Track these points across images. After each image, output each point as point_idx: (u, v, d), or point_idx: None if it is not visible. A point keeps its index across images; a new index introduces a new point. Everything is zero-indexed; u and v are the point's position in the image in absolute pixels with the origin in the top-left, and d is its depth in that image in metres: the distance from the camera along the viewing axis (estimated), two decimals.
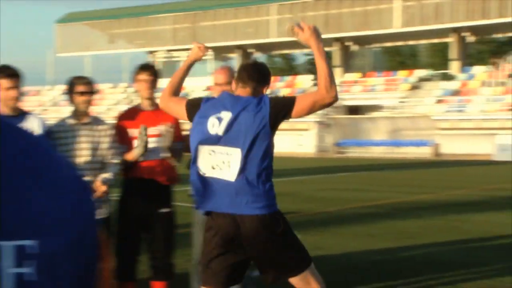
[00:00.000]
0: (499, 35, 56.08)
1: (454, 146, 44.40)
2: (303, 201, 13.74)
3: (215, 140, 3.51)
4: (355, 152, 46.94)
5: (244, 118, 3.48)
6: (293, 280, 3.65)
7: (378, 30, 52.68)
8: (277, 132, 3.61)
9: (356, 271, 6.49)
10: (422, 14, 51.13)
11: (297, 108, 3.56)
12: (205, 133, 3.54)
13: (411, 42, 59.92)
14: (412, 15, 51.70)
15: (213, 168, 3.50)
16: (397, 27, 51.78)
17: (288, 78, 59.49)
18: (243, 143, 3.45)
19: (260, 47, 58.77)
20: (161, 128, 4.57)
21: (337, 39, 53.81)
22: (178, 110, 3.80)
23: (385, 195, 15.07)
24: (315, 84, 47.45)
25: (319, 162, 36.66)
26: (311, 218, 10.90)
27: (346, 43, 55.14)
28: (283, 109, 3.56)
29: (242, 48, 59.18)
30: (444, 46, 57.02)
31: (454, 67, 52.54)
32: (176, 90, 3.90)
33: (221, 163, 3.49)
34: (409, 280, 6.03)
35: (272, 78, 4.02)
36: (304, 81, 57.65)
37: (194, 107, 3.69)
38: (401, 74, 53.71)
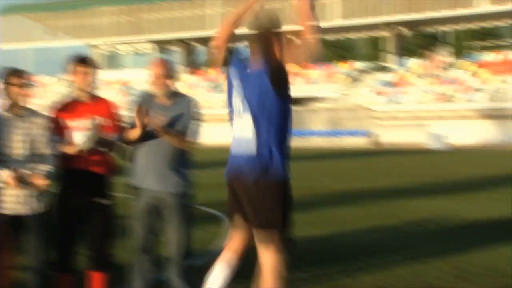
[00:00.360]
0: (433, 29, 57.47)
1: (391, 136, 45.28)
2: None
3: None
4: (295, 142, 47.28)
5: None
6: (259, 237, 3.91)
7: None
8: (214, 124, 3.69)
9: (296, 255, 6.54)
10: (361, 8, 51.87)
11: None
12: None
13: (350, 35, 60.76)
14: (352, 9, 52.41)
15: None
16: (337, 20, 52.37)
17: None
18: None
19: (202, 40, 58.48)
20: (94, 120, 4.51)
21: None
22: None
23: (323, 184, 15.27)
24: None
25: None
26: None
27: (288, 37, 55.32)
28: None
29: (184, 41, 58.80)
30: (381, 39, 57.97)
31: (390, 59, 53.59)
32: (231, 37, 4.15)
33: None
34: (343, 265, 6.14)
35: (215, 72, 4.15)
36: None
37: None
38: (340, 66, 54.37)
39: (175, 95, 4.69)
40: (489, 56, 49.69)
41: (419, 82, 48.18)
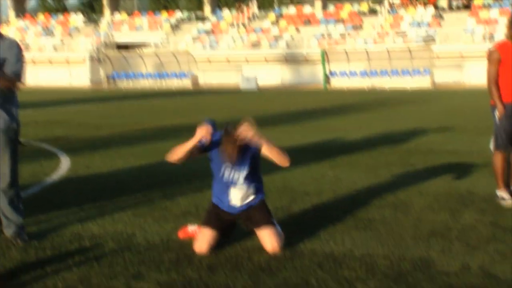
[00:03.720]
0: None
1: (209, 77, 45.72)
2: (76, 127, 13.23)
3: None
4: (126, 84, 46.11)
5: None
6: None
7: None
8: (43, 66, 3.41)
9: (121, 186, 6.45)
10: None
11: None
12: None
13: None
14: None
15: None
16: None
17: (61, 17, 55.78)
18: None
19: None
20: None
21: None
22: None
23: (149, 120, 15.11)
24: (86, 23, 44.57)
25: (93, 93, 35.40)
26: (82, 142, 10.56)
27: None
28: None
29: None
30: None
31: (207, 10, 53.56)
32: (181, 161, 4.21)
33: None
34: (163, 189, 6.15)
35: (43, 17, 3.77)
36: (76, 20, 54.54)
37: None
38: (163, 15, 53.33)
39: None
40: (288, 9, 51.57)
41: (231, 30, 48.83)
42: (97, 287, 3.33)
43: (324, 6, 49.94)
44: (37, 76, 45.79)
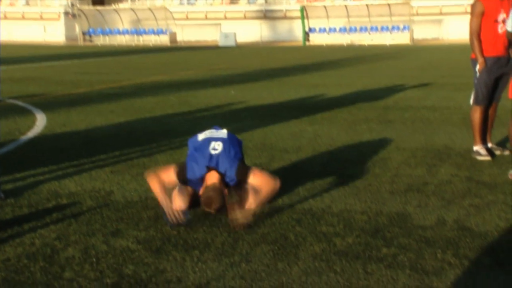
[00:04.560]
0: None
1: (187, 34, 45.06)
2: (52, 84, 12.98)
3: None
4: (102, 40, 45.24)
5: None
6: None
7: None
8: (25, 21, 3.26)
9: (99, 143, 6.37)
10: None
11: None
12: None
13: None
14: None
15: None
16: None
17: None
18: None
19: None
20: None
21: None
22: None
23: (127, 77, 14.89)
24: None
25: (69, 49, 34.70)
26: (59, 99, 10.38)
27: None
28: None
29: None
30: None
31: None
32: None
33: None
34: (141, 147, 6.10)
35: None
36: None
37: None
38: None
39: None
40: None
41: None
42: (75, 244, 3.31)
43: None
44: (10, 32, 44.66)
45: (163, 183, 3.80)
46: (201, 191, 3.76)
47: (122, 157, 5.59)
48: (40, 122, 7.79)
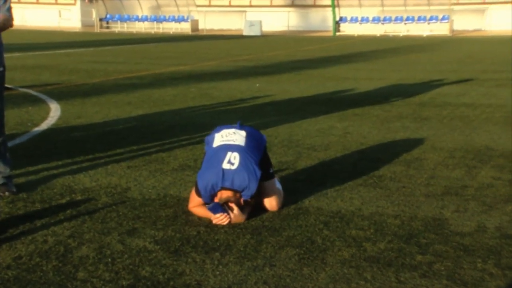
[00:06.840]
0: None
1: (210, 22, 45.15)
2: (67, 73, 13.13)
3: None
4: (120, 27, 45.61)
5: None
6: None
7: None
8: (39, 6, 3.30)
9: (115, 136, 6.42)
10: None
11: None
12: None
13: None
14: None
15: None
16: None
17: None
18: None
19: None
20: None
21: None
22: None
23: (146, 67, 14.98)
24: None
25: (85, 36, 35.06)
26: (74, 89, 10.49)
27: None
28: None
29: None
30: None
31: None
32: None
33: None
34: (160, 140, 6.14)
35: None
36: None
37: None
38: None
39: None
40: None
41: None
42: (89, 243, 3.34)
43: None
44: (22, 16, 45.23)
45: (200, 206, 3.82)
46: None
47: (140, 152, 5.63)
48: (54, 113, 7.89)
